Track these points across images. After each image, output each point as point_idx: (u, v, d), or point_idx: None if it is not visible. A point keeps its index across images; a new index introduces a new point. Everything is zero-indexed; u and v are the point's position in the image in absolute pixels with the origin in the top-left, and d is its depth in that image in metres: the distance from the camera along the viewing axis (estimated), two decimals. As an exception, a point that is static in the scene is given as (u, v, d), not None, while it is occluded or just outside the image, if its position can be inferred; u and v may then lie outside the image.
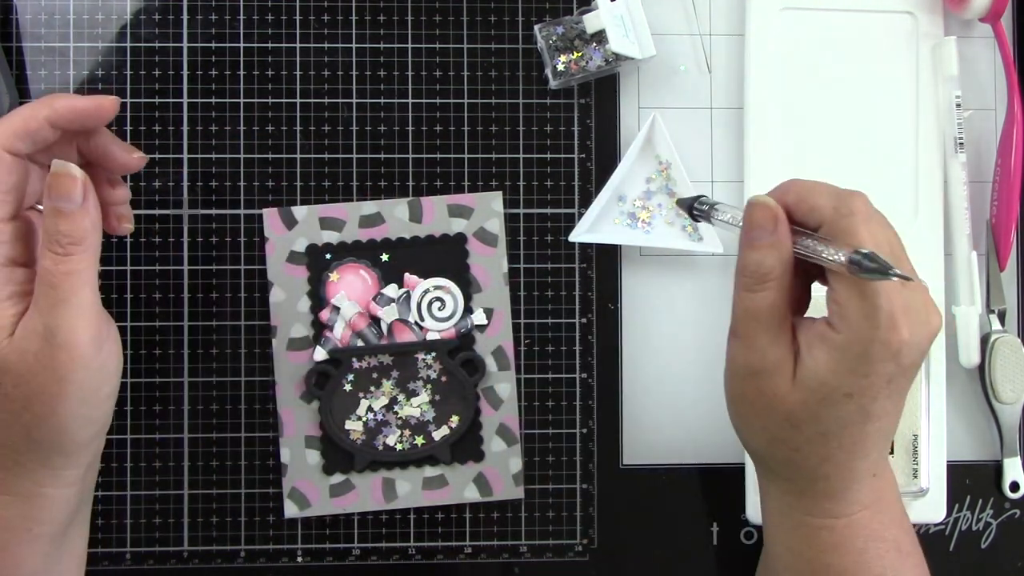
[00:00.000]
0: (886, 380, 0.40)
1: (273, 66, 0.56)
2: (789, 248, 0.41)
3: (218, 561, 0.56)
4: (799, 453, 0.42)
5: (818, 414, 0.41)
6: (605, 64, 0.55)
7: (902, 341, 0.39)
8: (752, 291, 0.41)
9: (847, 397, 0.40)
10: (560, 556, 0.57)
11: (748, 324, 0.42)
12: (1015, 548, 0.58)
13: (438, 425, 0.55)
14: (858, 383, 0.40)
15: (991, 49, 0.58)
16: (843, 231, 0.39)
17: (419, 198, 0.56)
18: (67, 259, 0.40)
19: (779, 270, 0.41)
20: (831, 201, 0.40)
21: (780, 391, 0.41)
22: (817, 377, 0.40)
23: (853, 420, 0.41)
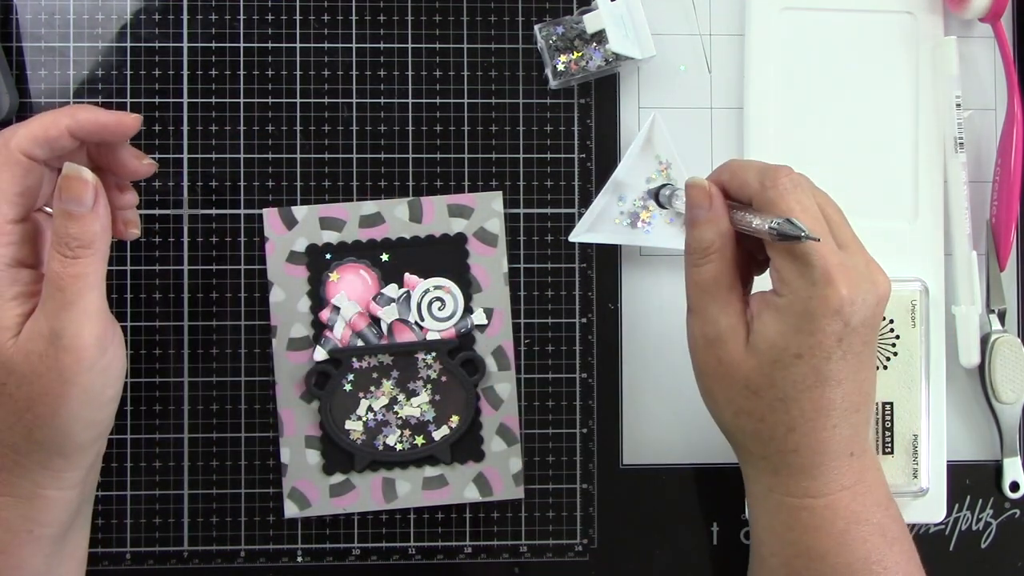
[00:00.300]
0: (835, 339, 0.41)
1: (273, 66, 0.56)
2: (726, 221, 0.44)
3: (218, 561, 0.56)
4: (764, 423, 0.43)
5: (773, 378, 0.42)
6: (605, 64, 0.55)
7: (841, 297, 0.41)
8: (698, 265, 0.44)
9: (797, 358, 0.42)
10: (560, 556, 0.57)
11: (698, 296, 0.45)
12: (1015, 548, 0.58)
13: (438, 425, 0.55)
14: (806, 342, 0.41)
15: (991, 49, 0.58)
16: (769, 202, 0.42)
17: (419, 198, 0.56)
18: (75, 262, 0.40)
19: (719, 243, 0.44)
20: (758, 176, 0.43)
21: (736, 358, 0.43)
22: (767, 340, 0.42)
23: (808, 382, 0.42)
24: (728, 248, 0.44)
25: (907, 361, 0.54)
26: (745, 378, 0.43)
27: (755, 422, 0.43)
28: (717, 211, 0.44)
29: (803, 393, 0.42)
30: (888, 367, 0.54)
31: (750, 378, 0.43)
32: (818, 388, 0.42)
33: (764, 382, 0.42)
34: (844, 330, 0.41)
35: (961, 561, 0.57)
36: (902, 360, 0.54)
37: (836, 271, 0.41)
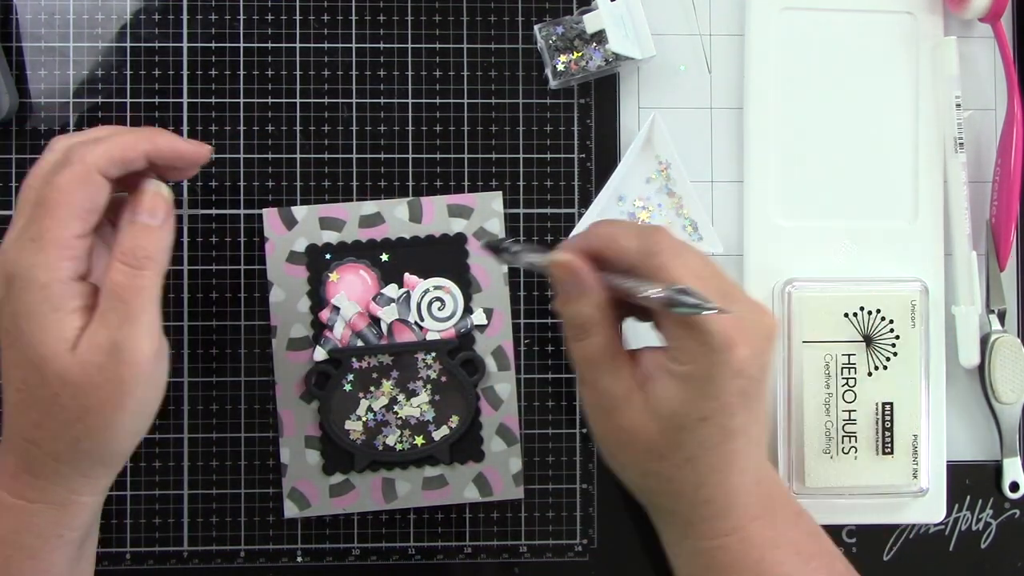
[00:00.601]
0: (738, 395, 0.41)
1: (273, 66, 0.56)
2: (601, 294, 0.42)
3: (218, 561, 0.56)
4: (672, 483, 0.43)
5: (679, 441, 0.41)
6: (605, 64, 0.55)
7: (742, 359, 0.40)
8: (579, 340, 0.43)
9: (702, 421, 0.41)
10: (560, 556, 0.57)
11: (586, 369, 0.43)
12: (1015, 548, 0.58)
13: (438, 425, 0.55)
14: (710, 406, 0.40)
15: (991, 49, 0.58)
16: (655, 269, 0.40)
17: (419, 198, 0.56)
18: (140, 274, 0.41)
19: (597, 315, 0.42)
20: (635, 242, 0.41)
21: (636, 423, 0.42)
22: (669, 407, 0.41)
23: (715, 441, 0.41)
24: (608, 317, 0.42)
25: (907, 361, 0.54)
26: (648, 442, 0.42)
27: (663, 483, 0.43)
28: (589, 285, 0.42)
29: (710, 451, 0.41)
30: (888, 367, 0.54)
31: (654, 442, 0.42)
32: (725, 444, 0.41)
33: (669, 446, 0.42)
34: (745, 384, 0.41)
35: (961, 561, 0.57)
36: (902, 360, 0.54)
37: (733, 332, 0.39)
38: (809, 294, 0.54)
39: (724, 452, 0.42)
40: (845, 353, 0.54)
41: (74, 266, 0.40)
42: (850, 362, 0.54)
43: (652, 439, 0.42)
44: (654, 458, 0.42)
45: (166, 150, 0.43)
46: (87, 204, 0.40)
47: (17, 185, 0.55)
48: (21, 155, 0.56)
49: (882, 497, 0.55)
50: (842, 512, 0.56)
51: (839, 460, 0.54)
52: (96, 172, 0.40)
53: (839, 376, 0.54)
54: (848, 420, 0.54)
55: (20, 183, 0.55)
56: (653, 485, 0.44)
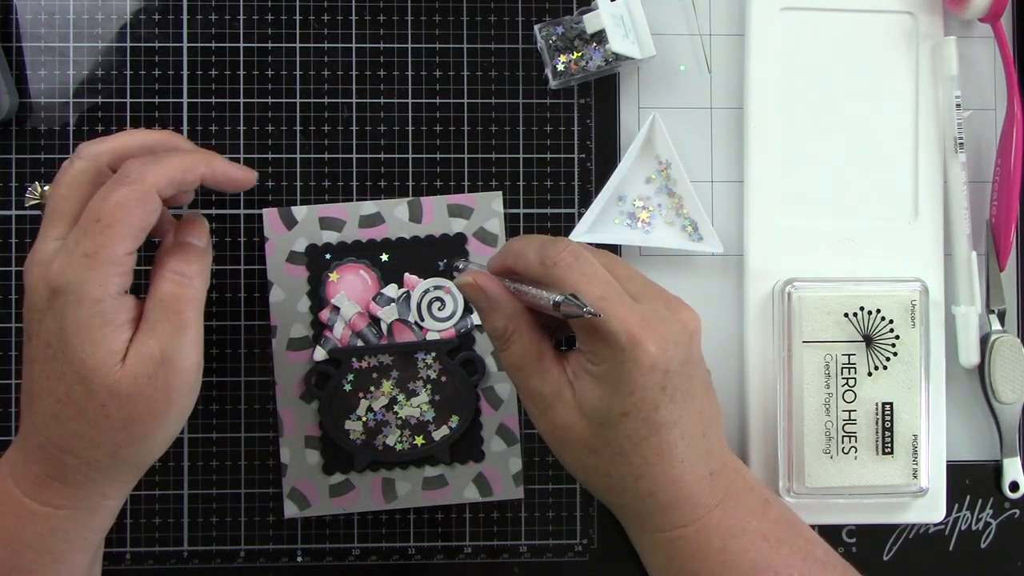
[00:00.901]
0: (658, 389, 0.41)
1: (273, 66, 0.56)
2: (512, 303, 0.44)
3: (218, 561, 0.56)
4: (612, 477, 0.43)
5: (605, 437, 0.42)
6: (605, 64, 0.55)
7: (651, 354, 0.41)
8: (503, 349, 0.45)
9: (624, 416, 0.42)
10: (560, 556, 0.57)
11: (516, 375, 0.45)
12: (1015, 548, 0.58)
13: (438, 425, 0.55)
14: (628, 400, 0.41)
15: (991, 49, 0.58)
16: (556, 280, 0.42)
17: (419, 198, 0.56)
18: (191, 285, 0.42)
19: (512, 324, 0.44)
20: (538, 256, 0.43)
21: (568, 421, 0.43)
22: (590, 404, 0.42)
23: (642, 434, 0.42)
24: (525, 324, 0.44)
25: (907, 361, 0.54)
26: (581, 439, 0.43)
27: (603, 477, 0.44)
28: (497, 299, 0.44)
29: (639, 444, 0.42)
30: (888, 367, 0.54)
31: (586, 438, 0.43)
32: (654, 436, 0.42)
33: (599, 440, 0.43)
34: (664, 378, 0.41)
35: (961, 561, 0.57)
36: (902, 360, 0.54)
37: (639, 330, 0.41)
38: (809, 294, 0.54)
39: (655, 445, 0.42)
40: (845, 353, 0.54)
41: (123, 281, 0.41)
42: (850, 362, 0.54)
43: (584, 435, 0.43)
44: (589, 453, 0.43)
45: (220, 175, 0.44)
46: (143, 223, 0.41)
47: (18, 185, 0.55)
48: (21, 155, 0.56)
49: (882, 497, 0.55)
50: (842, 512, 0.56)
51: (839, 460, 0.54)
52: (155, 192, 0.41)
53: (839, 376, 0.54)
54: (848, 420, 0.54)
55: (20, 183, 0.55)
56: (596, 481, 0.45)
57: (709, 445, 0.44)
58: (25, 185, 0.55)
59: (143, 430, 0.41)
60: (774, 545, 0.44)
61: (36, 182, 0.45)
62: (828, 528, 0.57)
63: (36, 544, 0.41)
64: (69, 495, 0.41)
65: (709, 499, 0.44)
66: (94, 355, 0.40)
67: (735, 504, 0.44)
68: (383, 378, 0.55)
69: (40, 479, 0.41)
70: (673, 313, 0.43)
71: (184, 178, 0.42)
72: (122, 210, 0.40)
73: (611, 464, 0.43)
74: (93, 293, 0.39)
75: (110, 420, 0.40)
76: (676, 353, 0.42)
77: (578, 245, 0.43)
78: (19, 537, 0.41)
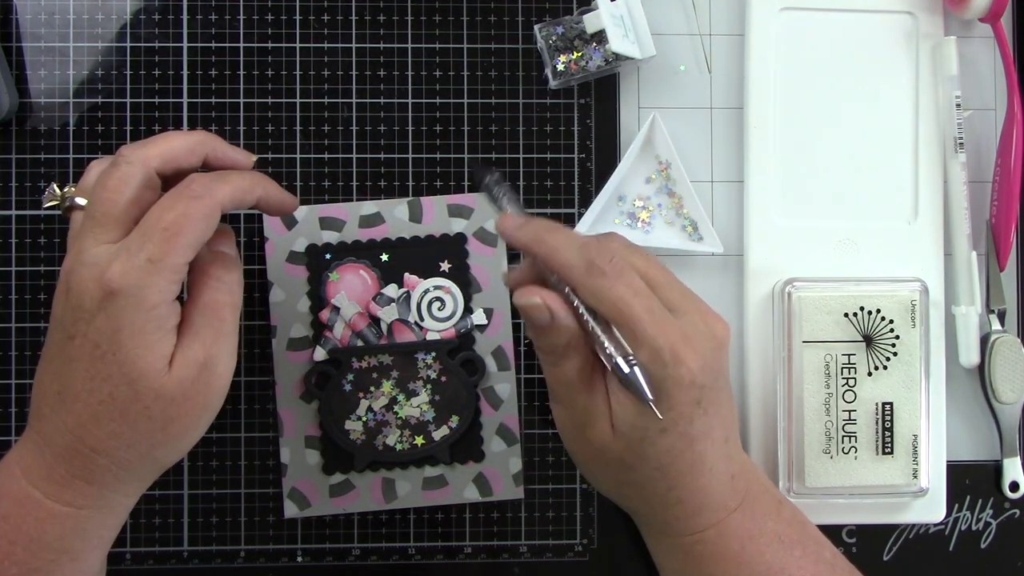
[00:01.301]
0: (694, 403, 0.42)
1: (273, 66, 0.56)
2: (572, 320, 0.43)
3: (218, 561, 0.56)
4: (645, 490, 0.44)
5: (644, 453, 0.42)
6: (605, 64, 0.55)
7: (692, 371, 0.41)
8: (556, 365, 0.44)
9: (663, 432, 0.42)
10: (560, 556, 0.57)
11: (563, 390, 0.44)
12: (1015, 548, 0.58)
13: (438, 425, 0.55)
14: (667, 417, 0.41)
15: (991, 49, 0.58)
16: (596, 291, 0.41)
17: (419, 198, 0.56)
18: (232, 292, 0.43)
19: (573, 341, 0.43)
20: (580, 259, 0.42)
21: (605, 439, 0.43)
22: (628, 422, 0.42)
23: (679, 448, 0.42)
24: (581, 339, 0.43)
25: (907, 361, 0.54)
26: (619, 457, 0.43)
27: (636, 490, 0.44)
28: (561, 320, 0.43)
29: (676, 458, 0.42)
30: (888, 367, 0.54)
31: (623, 457, 0.43)
32: (688, 449, 0.42)
33: (636, 457, 0.43)
34: (700, 393, 0.42)
35: (961, 561, 0.57)
36: (902, 360, 0.54)
37: (681, 347, 0.41)
38: (809, 294, 0.54)
39: (690, 457, 0.43)
40: (845, 353, 0.54)
41: (177, 289, 0.41)
42: (850, 362, 0.54)
43: (621, 454, 0.43)
44: (624, 469, 0.43)
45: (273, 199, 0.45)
46: (204, 236, 0.41)
47: (18, 185, 0.55)
48: (21, 155, 0.56)
49: (882, 497, 0.55)
50: (842, 512, 0.56)
51: (839, 460, 0.54)
52: (219, 209, 0.42)
53: (839, 376, 0.54)
54: (848, 420, 0.54)
55: (20, 183, 0.55)
56: (627, 492, 0.45)
57: (729, 449, 0.44)
58: (40, 185, 0.55)
59: (179, 431, 0.42)
60: (788, 547, 0.44)
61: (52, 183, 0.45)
62: (828, 528, 0.56)
63: (55, 544, 0.41)
64: (93, 495, 0.41)
65: (730, 502, 0.44)
66: (145, 358, 0.40)
67: (753, 506, 0.45)
68: (383, 378, 0.55)
69: (64, 480, 0.41)
70: (709, 327, 0.43)
71: (244, 198, 0.43)
72: (190, 222, 0.40)
73: (646, 479, 0.43)
74: (152, 298, 0.40)
75: (151, 422, 0.41)
76: (712, 368, 0.42)
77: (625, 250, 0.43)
78: (39, 539, 0.41)
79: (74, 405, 0.41)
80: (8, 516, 0.41)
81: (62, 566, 0.41)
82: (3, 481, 0.42)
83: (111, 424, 0.40)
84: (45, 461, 0.41)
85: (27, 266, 0.55)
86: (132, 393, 0.40)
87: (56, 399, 0.41)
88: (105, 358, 0.40)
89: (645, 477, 0.43)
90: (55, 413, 0.41)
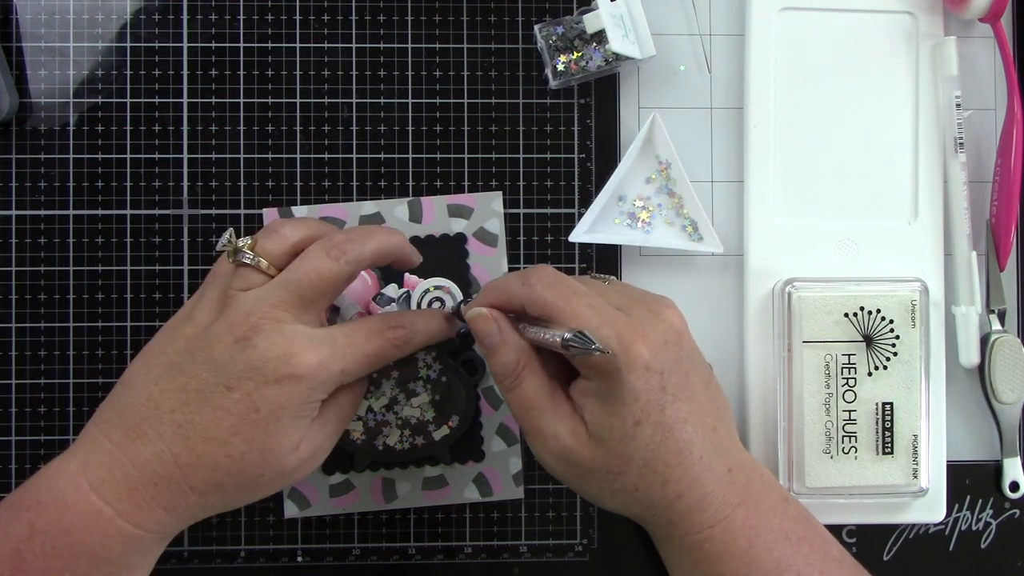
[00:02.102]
0: (659, 390, 0.42)
1: (273, 66, 0.56)
2: (518, 339, 0.44)
3: (218, 561, 0.56)
4: (639, 491, 0.44)
5: (627, 453, 0.42)
6: (605, 64, 0.55)
7: (643, 356, 0.41)
8: (513, 388, 0.44)
9: (637, 425, 0.42)
10: (560, 556, 0.57)
11: (528, 416, 0.44)
12: (1015, 548, 0.58)
13: (438, 425, 0.55)
14: (635, 408, 0.42)
15: (991, 49, 0.58)
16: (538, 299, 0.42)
17: (419, 198, 0.56)
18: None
19: (524, 359, 0.44)
20: (516, 281, 0.44)
21: (587, 456, 0.43)
22: (602, 425, 0.42)
23: (658, 438, 0.42)
24: (534, 359, 0.44)
25: (907, 361, 0.54)
26: (605, 467, 0.43)
27: (631, 493, 0.44)
28: (507, 332, 0.44)
29: (658, 448, 0.42)
30: (888, 367, 0.54)
31: (609, 464, 0.43)
32: (669, 437, 0.42)
33: (622, 461, 0.43)
34: (662, 379, 0.42)
35: (961, 561, 0.57)
36: (902, 360, 0.54)
37: (627, 333, 0.41)
38: (809, 294, 0.54)
39: (672, 445, 0.43)
40: (845, 353, 0.54)
41: None
42: (850, 362, 0.54)
43: (606, 462, 0.43)
44: (614, 477, 0.43)
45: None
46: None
47: (18, 185, 0.55)
48: (21, 155, 0.56)
49: (882, 497, 0.55)
50: (842, 512, 0.56)
51: (839, 460, 0.54)
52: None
53: (839, 376, 0.54)
54: (848, 420, 0.54)
55: (20, 183, 0.55)
56: (622, 499, 0.45)
57: (721, 440, 0.44)
58: (40, 185, 0.55)
59: (263, 495, 0.44)
60: (795, 544, 0.44)
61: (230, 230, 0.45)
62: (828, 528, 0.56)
63: (117, 560, 0.41)
64: (167, 523, 0.42)
65: (731, 497, 0.44)
66: (288, 438, 0.42)
67: (757, 502, 0.44)
68: (383, 378, 0.55)
69: (145, 505, 0.41)
70: (656, 315, 0.43)
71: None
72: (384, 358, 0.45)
73: (637, 479, 0.43)
74: (320, 395, 0.43)
75: (255, 483, 0.42)
76: (668, 353, 0.42)
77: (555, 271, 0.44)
78: (102, 554, 0.41)
79: (199, 447, 0.41)
80: (72, 529, 0.40)
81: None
82: (65, 491, 0.41)
83: (225, 476, 0.41)
84: (128, 482, 0.41)
85: (27, 266, 0.55)
86: (261, 460, 0.42)
87: (175, 431, 0.41)
88: (258, 424, 0.41)
89: (636, 477, 0.43)
90: (166, 443, 0.41)
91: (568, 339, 0.40)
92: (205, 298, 0.43)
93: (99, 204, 0.56)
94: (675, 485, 0.43)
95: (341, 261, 0.43)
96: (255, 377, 0.41)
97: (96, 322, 0.56)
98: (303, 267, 0.42)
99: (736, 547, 0.43)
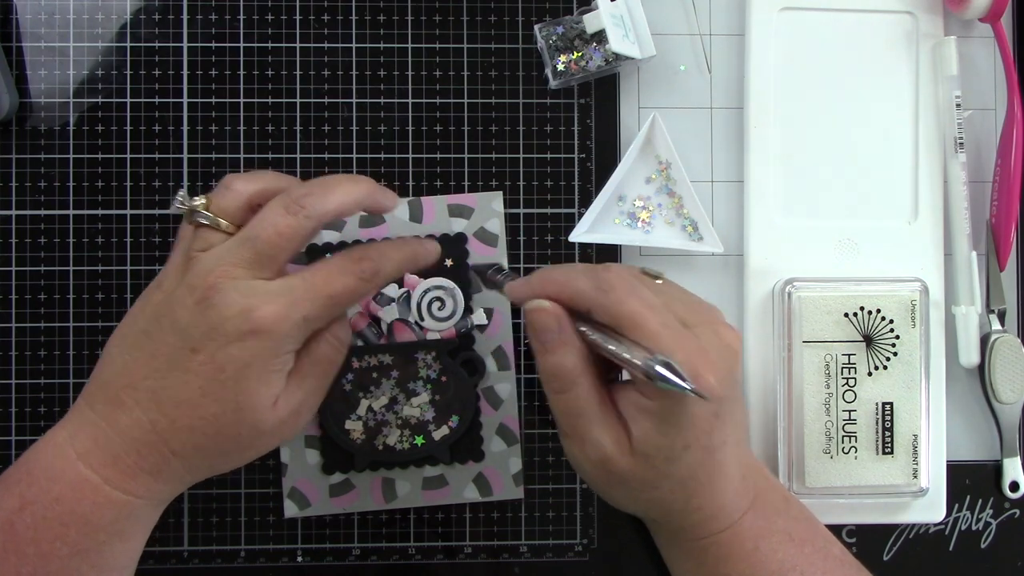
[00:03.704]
0: (713, 416, 0.41)
1: (273, 66, 0.56)
2: (579, 342, 0.41)
3: (218, 561, 0.56)
4: (665, 503, 0.43)
5: (667, 472, 0.42)
6: (605, 64, 0.55)
7: (712, 388, 0.39)
8: (564, 392, 0.42)
9: (685, 448, 0.41)
10: (560, 556, 0.57)
11: (574, 423, 0.42)
12: (1015, 548, 0.58)
13: (438, 425, 0.55)
14: (688, 434, 0.41)
15: (991, 49, 0.58)
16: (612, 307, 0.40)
17: (419, 198, 0.56)
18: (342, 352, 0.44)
19: (581, 365, 0.41)
20: (589, 281, 0.41)
21: (626, 467, 0.42)
22: (651, 443, 0.41)
23: (701, 460, 0.42)
24: (589, 367, 0.42)
25: (907, 361, 0.54)
26: (640, 479, 0.42)
27: (654, 502, 0.44)
28: (568, 333, 0.41)
29: (698, 470, 0.42)
30: (888, 367, 0.54)
31: (645, 477, 0.42)
32: (709, 459, 0.42)
33: (658, 476, 0.42)
34: (719, 406, 0.41)
35: (961, 561, 0.57)
36: (902, 360, 0.54)
37: (699, 361, 0.39)
38: (809, 294, 0.54)
39: (710, 467, 0.42)
40: (845, 353, 0.54)
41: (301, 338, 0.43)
42: (850, 362, 0.54)
43: (644, 475, 0.42)
44: (647, 488, 0.43)
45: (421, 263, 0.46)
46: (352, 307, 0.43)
47: (18, 185, 0.55)
48: (21, 155, 0.56)
49: (882, 497, 0.55)
50: (842, 512, 0.56)
51: (839, 460, 0.54)
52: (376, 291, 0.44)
53: (839, 376, 0.54)
54: (848, 420, 0.54)
55: (20, 183, 0.55)
56: (644, 505, 0.45)
57: (740, 451, 0.44)
58: (40, 185, 0.55)
59: (250, 456, 0.43)
60: (799, 544, 0.44)
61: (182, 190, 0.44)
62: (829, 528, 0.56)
63: (109, 527, 0.41)
64: (154, 488, 0.42)
65: (743, 502, 0.44)
66: (260, 394, 0.41)
67: (763, 504, 0.45)
68: (383, 378, 0.55)
69: (130, 471, 0.41)
70: (719, 337, 0.42)
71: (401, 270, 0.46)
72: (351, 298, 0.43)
73: (668, 492, 0.43)
74: (288, 347, 0.41)
75: (237, 445, 0.42)
76: (729, 380, 0.41)
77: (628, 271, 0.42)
78: (93, 521, 0.41)
79: (172, 411, 0.41)
80: (62, 499, 0.41)
81: (112, 547, 0.42)
82: (53, 462, 0.41)
83: (202, 438, 0.41)
84: (112, 449, 0.41)
85: (27, 266, 0.55)
86: (236, 420, 0.41)
87: (149, 397, 0.41)
88: (226, 384, 0.41)
89: (667, 491, 0.43)
90: (143, 409, 0.41)
91: (658, 372, 0.37)
92: (171, 263, 0.43)
93: (99, 204, 0.56)
94: (699, 500, 0.43)
95: (300, 216, 0.41)
96: (217, 337, 0.40)
97: (96, 322, 0.56)
98: (262, 224, 0.41)
99: (742, 549, 0.44)
